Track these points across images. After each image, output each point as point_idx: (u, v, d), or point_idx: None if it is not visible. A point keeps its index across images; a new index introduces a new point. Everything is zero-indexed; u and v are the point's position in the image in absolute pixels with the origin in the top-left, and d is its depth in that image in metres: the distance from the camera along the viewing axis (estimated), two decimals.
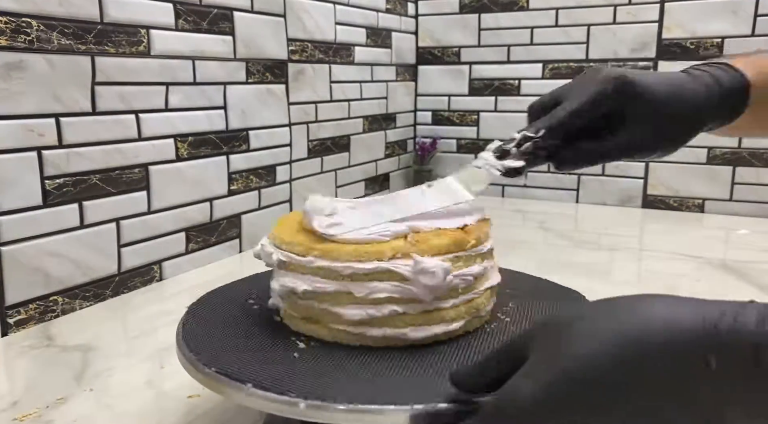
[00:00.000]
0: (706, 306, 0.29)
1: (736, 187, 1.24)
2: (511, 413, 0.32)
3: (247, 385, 0.39)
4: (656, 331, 0.29)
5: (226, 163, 0.94)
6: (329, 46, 1.16)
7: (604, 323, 0.31)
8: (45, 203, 0.70)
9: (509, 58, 1.41)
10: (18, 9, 0.66)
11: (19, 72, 0.66)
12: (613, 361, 0.29)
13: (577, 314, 0.33)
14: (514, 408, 0.32)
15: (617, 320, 0.30)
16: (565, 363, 0.31)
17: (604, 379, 0.29)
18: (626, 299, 0.32)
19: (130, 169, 0.79)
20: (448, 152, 1.51)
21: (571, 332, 0.32)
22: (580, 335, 0.31)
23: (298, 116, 1.10)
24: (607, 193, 1.36)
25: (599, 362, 0.30)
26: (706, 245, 1.04)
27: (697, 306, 0.29)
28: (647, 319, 0.29)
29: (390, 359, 0.43)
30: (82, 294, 0.75)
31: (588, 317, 0.32)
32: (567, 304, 0.53)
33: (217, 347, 0.45)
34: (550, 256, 0.98)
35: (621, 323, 0.30)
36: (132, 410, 0.53)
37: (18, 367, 0.61)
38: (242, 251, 0.99)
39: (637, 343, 0.29)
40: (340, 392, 0.38)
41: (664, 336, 0.28)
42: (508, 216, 1.26)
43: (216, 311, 0.52)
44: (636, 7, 1.28)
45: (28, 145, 0.68)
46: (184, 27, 0.85)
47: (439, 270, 0.44)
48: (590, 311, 0.33)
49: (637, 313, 0.30)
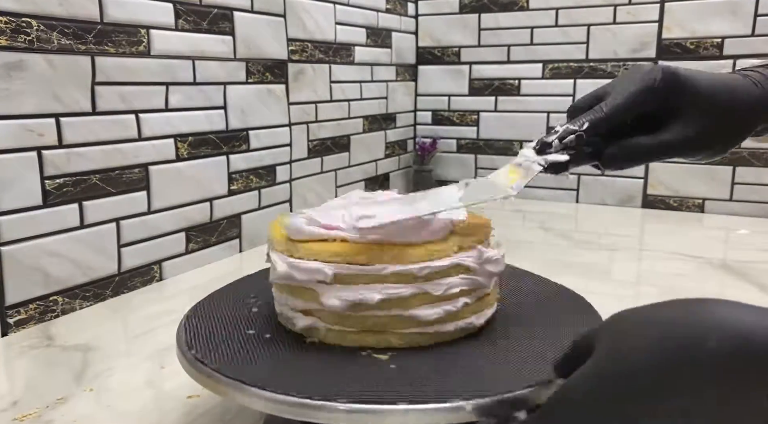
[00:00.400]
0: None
1: (736, 187, 1.24)
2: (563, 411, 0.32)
3: (248, 385, 0.39)
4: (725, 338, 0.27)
5: (226, 163, 0.94)
6: (329, 46, 1.16)
7: (668, 319, 0.30)
8: (45, 203, 0.70)
9: (509, 58, 1.41)
10: (18, 9, 0.66)
11: (19, 72, 0.66)
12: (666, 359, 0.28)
13: (644, 308, 0.32)
14: (566, 406, 0.32)
15: (685, 323, 0.29)
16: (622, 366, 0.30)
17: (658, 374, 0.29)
18: (698, 303, 0.31)
19: (130, 169, 0.79)
20: (448, 152, 1.51)
21: (637, 331, 0.31)
22: (644, 335, 0.30)
23: (298, 116, 1.10)
24: (607, 193, 1.36)
25: (657, 363, 0.29)
26: (706, 245, 1.04)
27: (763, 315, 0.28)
28: (716, 325, 0.28)
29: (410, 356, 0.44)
30: (82, 294, 0.75)
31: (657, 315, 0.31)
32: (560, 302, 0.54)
33: (217, 347, 0.45)
34: (550, 256, 0.98)
35: (690, 326, 0.29)
36: (132, 410, 0.53)
37: (18, 367, 0.61)
38: (242, 251, 0.99)
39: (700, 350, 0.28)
40: (342, 392, 0.38)
41: (731, 345, 0.27)
42: (508, 216, 1.26)
43: (216, 311, 0.52)
44: (636, 7, 1.28)
45: (28, 145, 0.68)
46: (184, 27, 0.85)
47: (500, 257, 0.48)
48: (661, 311, 0.31)
49: (707, 318, 0.29)
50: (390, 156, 1.43)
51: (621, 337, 0.32)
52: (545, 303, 0.54)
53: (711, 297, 0.30)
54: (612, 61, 1.31)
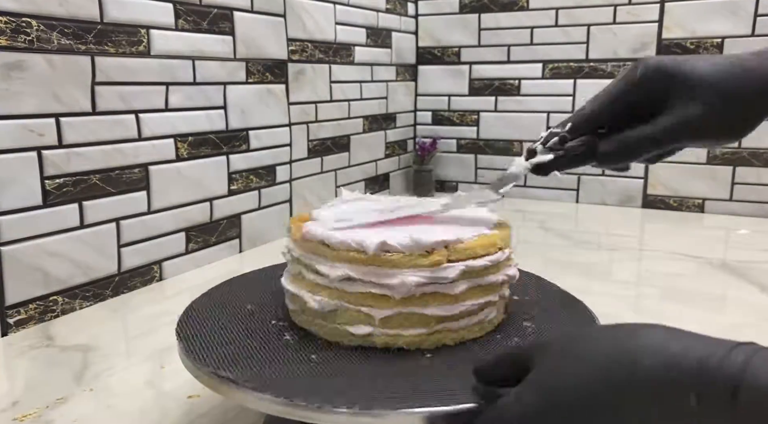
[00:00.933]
0: (699, 343, 0.29)
1: (736, 187, 1.24)
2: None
3: (247, 385, 0.39)
4: (647, 361, 0.29)
5: (226, 163, 0.94)
6: (329, 46, 1.16)
7: (601, 347, 0.32)
8: (45, 203, 0.70)
9: (509, 58, 1.41)
10: (18, 9, 0.66)
11: (19, 72, 0.66)
12: (602, 385, 0.30)
13: (579, 335, 0.34)
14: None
15: (613, 346, 0.31)
16: (557, 384, 0.32)
17: (592, 402, 0.30)
18: (628, 327, 0.33)
19: (130, 169, 0.79)
20: (448, 152, 1.51)
21: (569, 352, 0.33)
22: (577, 356, 0.32)
23: (298, 116, 1.09)
24: (607, 193, 1.36)
25: (589, 385, 0.31)
26: (706, 245, 1.04)
27: (691, 342, 0.30)
28: (641, 347, 0.30)
29: (400, 363, 0.43)
30: (82, 294, 0.75)
31: (588, 339, 0.33)
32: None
33: (217, 347, 0.45)
34: (551, 256, 0.98)
35: (616, 348, 0.31)
36: (132, 410, 0.53)
37: (18, 367, 0.61)
38: (242, 251, 0.99)
39: (628, 370, 0.30)
40: (340, 394, 0.38)
41: (654, 368, 0.29)
42: (508, 216, 1.25)
43: (216, 311, 0.52)
44: (636, 7, 1.28)
45: (28, 145, 0.68)
46: (184, 27, 0.85)
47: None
48: (593, 334, 0.34)
49: (633, 340, 0.31)
50: (390, 156, 1.43)
51: (564, 362, 0.33)
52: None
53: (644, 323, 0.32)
54: (612, 61, 1.31)
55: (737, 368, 0.27)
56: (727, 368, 0.27)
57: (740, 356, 0.28)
